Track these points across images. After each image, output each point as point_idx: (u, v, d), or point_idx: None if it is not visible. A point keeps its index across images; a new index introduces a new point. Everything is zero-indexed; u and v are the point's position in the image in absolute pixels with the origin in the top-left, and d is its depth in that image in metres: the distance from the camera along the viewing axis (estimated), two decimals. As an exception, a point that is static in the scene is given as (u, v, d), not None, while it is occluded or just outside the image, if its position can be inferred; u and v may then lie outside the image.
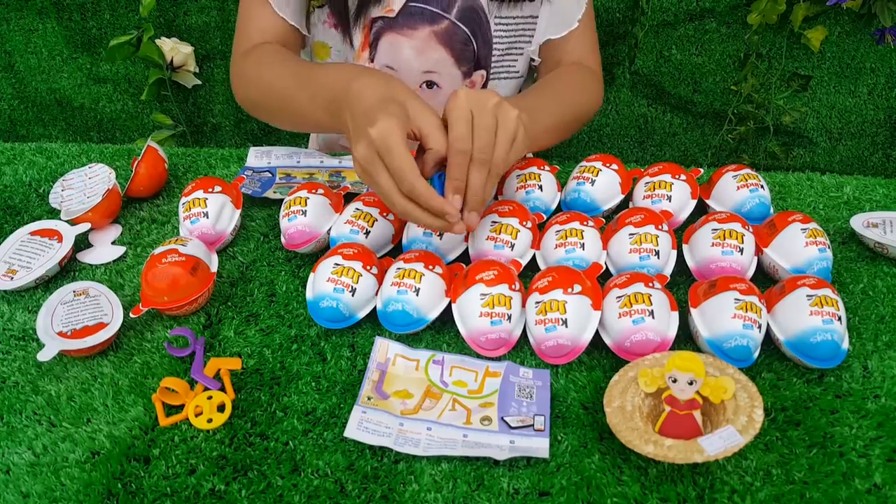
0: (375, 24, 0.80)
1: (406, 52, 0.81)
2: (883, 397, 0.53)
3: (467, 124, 0.55)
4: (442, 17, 0.79)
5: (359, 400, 0.52)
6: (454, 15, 0.79)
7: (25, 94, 1.54)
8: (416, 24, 0.79)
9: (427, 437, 0.50)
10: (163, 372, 0.56)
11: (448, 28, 0.79)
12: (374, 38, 0.81)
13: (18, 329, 0.61)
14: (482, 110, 0.55)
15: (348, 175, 0.79)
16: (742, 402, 0.48)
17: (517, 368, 0.55)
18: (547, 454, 0.49)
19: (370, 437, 0.49)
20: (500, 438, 0.50)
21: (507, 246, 0.63)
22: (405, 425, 0.51)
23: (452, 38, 0.80)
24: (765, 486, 0.47)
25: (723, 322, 0.54)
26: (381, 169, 0.54)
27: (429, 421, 0.51)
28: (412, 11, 0.78)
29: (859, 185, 0.76)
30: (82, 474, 0.49)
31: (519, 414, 0.52)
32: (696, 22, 1.32)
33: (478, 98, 0.56)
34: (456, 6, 0.78)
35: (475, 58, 0.83)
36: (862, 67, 1.34)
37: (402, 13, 0.78)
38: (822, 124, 1.42)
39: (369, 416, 0.51)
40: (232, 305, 0.63)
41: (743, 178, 0.69)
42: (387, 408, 0.52)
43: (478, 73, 0.84)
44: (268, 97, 0.74)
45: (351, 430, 0.50)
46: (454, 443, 0.49)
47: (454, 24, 0.79)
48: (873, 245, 0.66)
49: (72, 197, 0.71)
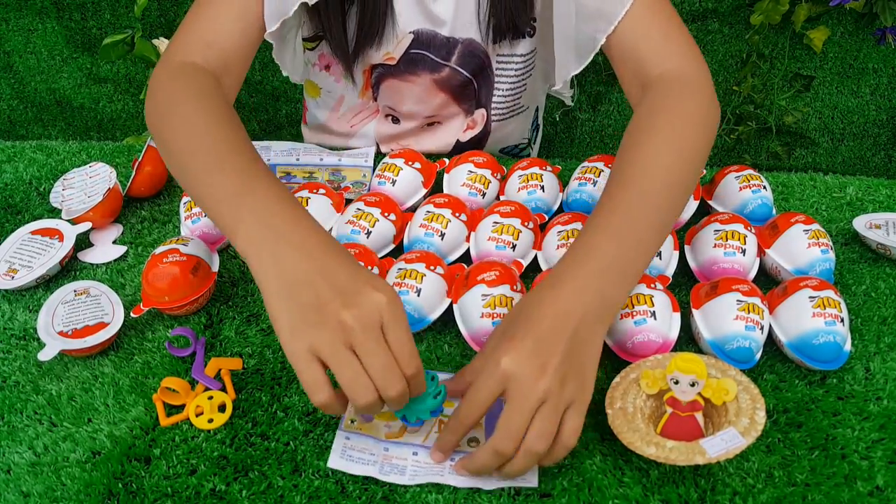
0: (376, 70, 0.79)
1: (408, 98, 0.81)
2: (885, 399, 0.53)
3: (519, 431, 0.44)
4: (443, 65, 0.77)
5: (341, 424, 0.50)
6: (454, 62, 0.77)
7: (25, 95, 1.54)
8: (418, 70, 0.78)
9: (413, 462, 0.48)
10: (164, 372, 0.56)
11: (448, 74, 0.78)
12: (376, 80, 0.80)
13: (19, 328, 0.61)
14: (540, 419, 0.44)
15: (349, 174, 0.78)
16: (744, 403, 0.48)
17: None
18: (535, 482, 0.47)
19: (354, 465, 0.47)
20: None
21: (509, 247, 0.63)
22: (390, 450, 0.49)
23: (453, 82, 0.79)
24: (766, 488, 0.47)
25: (725, 323, 0.54)
26: (379, 342, 0.43)
27: (414, 445, 0.49)
28: (413, 59, 0.77)
29: (862, 185, 0.76)
30: (83, 474, 0.49)
31: None
32: (698, 22, 1.32)
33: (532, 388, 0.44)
34: (456, 52, 0.77)
35: (476, 97, 0.82)
36: (864, 68, 1.34)
37: (402, 60, 0.77)
38: (824, 125, 1.42)
39: (353, 442, 0.49)
40: (233, 305, 0.63)
41: (745, 179, 0.69)
42: (371, 432, 0.50)
43: (479, 111, 0.83)
44: (179, 151, 0.56)
45: (334, 460, 0.48)
46: (441, 468, 0.48)
47: (454, 69, 0.78)
48: (876, 246, 0.66)
49: (72, 196, 0.71)
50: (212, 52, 0.64)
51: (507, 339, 0.46)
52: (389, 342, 0.44)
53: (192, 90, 0.59)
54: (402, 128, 0.84)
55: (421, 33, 0.75)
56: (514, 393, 0.45)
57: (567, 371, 0.45)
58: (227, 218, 0.49)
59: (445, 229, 0.64)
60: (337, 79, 0.82)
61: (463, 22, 0.75)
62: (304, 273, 0.45)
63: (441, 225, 0.64)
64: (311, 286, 0.44)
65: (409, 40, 0.76)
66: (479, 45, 0.77)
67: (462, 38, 0.76)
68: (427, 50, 0.76)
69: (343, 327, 0.43)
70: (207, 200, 0.51)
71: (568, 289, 0.49)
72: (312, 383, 0.43)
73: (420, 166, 0.73)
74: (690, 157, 0.57)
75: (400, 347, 0.44)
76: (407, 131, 0.85)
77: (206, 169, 0.52)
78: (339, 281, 0.45)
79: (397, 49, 0.76)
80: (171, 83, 0.61)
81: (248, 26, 0.66)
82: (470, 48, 0.77)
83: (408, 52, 0.76)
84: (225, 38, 0.65)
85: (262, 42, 0.70)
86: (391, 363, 0.44)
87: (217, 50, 0.64)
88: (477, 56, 0.78)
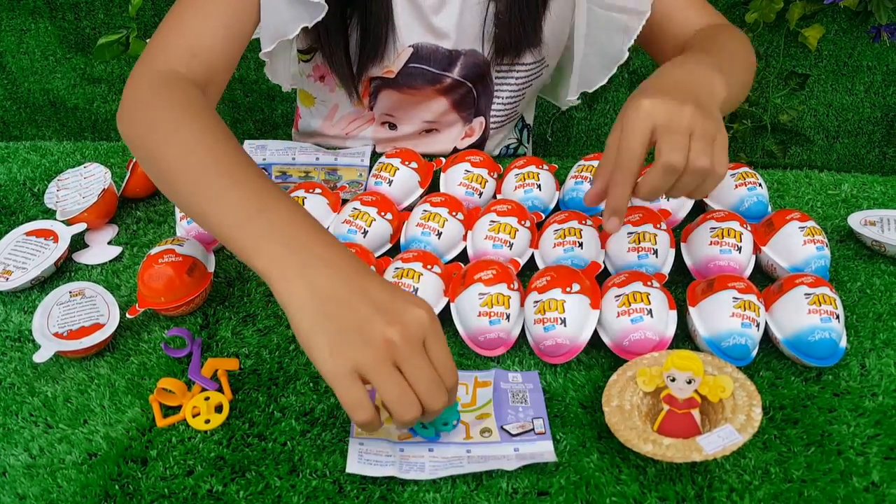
0: (374, 82, 0.78)
1: (407, 105, 0.80)
2: (880, 395, 0.53)
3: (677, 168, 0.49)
4: (443, 76, 0.77)
5: (352, 432, 0.50)
6: (457, 73, 0.77)
7: (18, 96, 1.53)
8: (417, 83, 0.77)
9: (430, 458, 0.48)
10: (160, 373, 0.56)
11: (450, 84, 0.78)
12: (374, 91, 0.79)
13: (14, 330, 0.61)
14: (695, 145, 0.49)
15: (345, 174, 0.78)
16: (740, 400, 0.48)
17: (505, 374, 0.54)
18: (554, 457, 0.48)
19: (373, 468, 0.47)
20: (503, 448, 0.49)
21: (506, 245, 0.63)
22: (406, 450, 0.49)
23: (454, 91, 0.79)
24: (763, 485, 0.47)
25: (721, 321, 0.54)
26: (424, 358, 0.44)
27: (428, 442, 0.50)
28: (411, 72, 0.76)
29: (857, 182, 0.76)
30: (79, 476, 0.48)
31: (517, 420, 0.51)
32: (693, 20, 1.32)
33: (672, 113, 0.49)
34: (458, 64, 0.76)
35: (475, 105, 0.82)
36: (859, 65, 1.34)
37: (401, 73, 0.76)
38: (818, 122, 1.42)
39: (367, 447, 0.49)
40: (229, 306, 0.63)
41: (741, 177, 0.69)
42: (382, 435, 0.50)
43: (477, 120, 0.83)
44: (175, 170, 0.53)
45: (352, 465, 0.48)
46: (459, 460, 0.48)
47: (456, 80, 0.78)
48: (871, 243, 0.66)
49: (67, 197, 0.71)
50: (196, 62, 0.61)
51: (640, 94, 0.50)
52: (432, 356, 0.44)
53: (180, 103, 0.56)
54: (399, 133, 0.84)
55: (421, 47, 0.75)
56: (665, 121, 0.48)
57: (703, 112, 0.50)
58: (245, 239, 0.47)
59: (442, 228, 0.64)
60: (331, 89, 0.82)
61: (466, 35, 0.75)
62: (341, 292, 0.44)
63: (438, 224, 0.64)
64: (350, 306, 0.43)
65: (409, 54, 0.75)
66: (481, 56, 0.76)
67: (465, 49, 0.76)
68: (427, 64, 0.76)
69: (388, 345, 0.43)
70: (217, 221, 0.49)
71: (684, 68, 0.55)
72: (357, 403, 0.43)
73: (417, 166, 0.73)
74: (751, 66, 0.68)
75: (443, 361, 0.45)
76: (404, 137, 0.84)
77: (212, 188, 0.50)
78: (378, 299, 0.44)
79: (396, 63, 0.75)
80: (153, 92, 0.58)
81: (234, 36, 0.64)
82: (472, 59, 0.76)
83: (406, 65, 0.76)
84: (210, 47, 0.62)
85: (254, 41, 0.69)
86: (436, 377, 0.44)
87: (202, 60, 0.62)
88: (478, 66, 0.77)
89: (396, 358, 0.43)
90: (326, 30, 0.71)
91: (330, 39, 0.72)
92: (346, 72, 0.75)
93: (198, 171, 0.51)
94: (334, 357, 0.43)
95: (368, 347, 0.43)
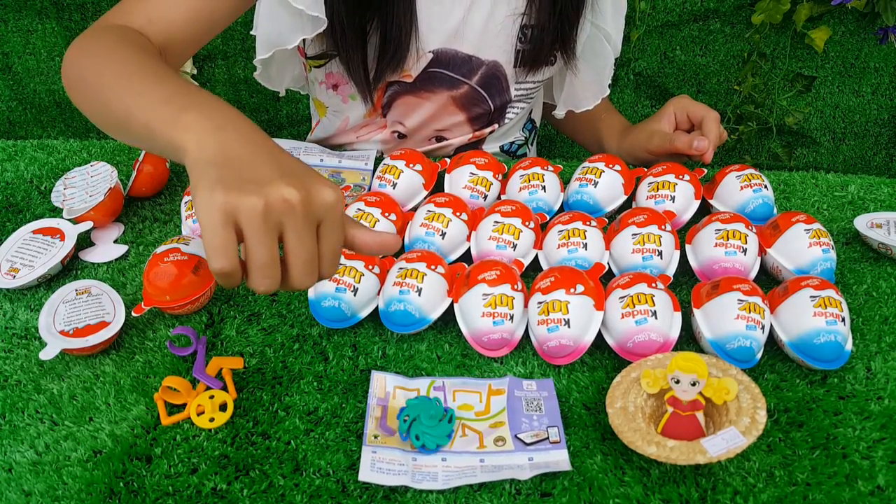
0: (391, 87, 0.78)
1: (421, 113, 0.79)
2: (886, 399, 0.52)
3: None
4: (462, 82, 0.76)
5: (365, 440, 0.50)
6: (475, 81, 0.76)
7: (24, 96, 1.54)
8: (435, 88, 0.77)
9: (444, 468, 0.48)
10: (165, 371, 0.56)
11: (467, 92, 0.77)
12: (389, 98, 0.78)
13: (20, 328, 0.61)
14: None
15: (348, 177, 0.78)
16: (745, 403, 0.48)
17: (520, 382, 0.54)
18: (569, 465, 0.47)
19: (386, 477, 0.47)
20: (517, 457, 0.48)
21: (510, 246, 0.63)
22: (418, 460, 0.49)
23: (470, 102, 0.79)
24: (767, 488, 0.47)
25: (726, 323, 0.54)
26: (313, 235, 0.41)
27: (442, 451, 0.49)
28: (431, 77, 0.76)
29: (863, 184, 0.76)
30: (84, 473, 0.49)
31: (531, 429, 0.50)
32: (700, 22, 1.32)
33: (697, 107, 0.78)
34: (479, 72, 0.76)
35: (489, 117, 0.82)
36: (866, 67, 1.34)
37: (419, 78, 0.76)
38: (825, 124, 1.41)
39: (380, 454, 0.49)
40: (234, 304, 0.63)
41: (746, 178, 0.69)
42: (395, 444, 0.50)
43: (487, 129, 0.83)
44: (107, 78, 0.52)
45: (365, 473, 0.47)
46: (473, 470, 0.48)
47: (473, 88, 0.77)
48: (877, 246, 0.66)
49: (74, 195, 0.71)
50: (151, 27, 0.60)
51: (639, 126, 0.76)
52: (322, 241, 0.41)
53: (124, 40, 0.55)
54: (406, 144, 0.84)
55: (441, 52, 0.74)
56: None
57: None
58: (167, 114, 0.44)
59: (446, 229, 0.64)
60: (343, 99, 0.81)
61: (489, 46, 0.74)
62: (249, 153, 0.41)
63: (442, 224, 0.64)
64: (256, 165, 0.40)
65: (429, 59, 0.75)
66: (502, 68, 0.76)
67: (487, 59, 0.75)
68: (446, 68, 0.75)
69: (283, 204, 0.39)
70: (139, 109, 0.46)
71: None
72: (221, 247, 0.38)
73: (421, 168, 0.73)
74: None
75: (331, 249, 0.41)
76: (413, 144, 0.84)
77: (140, 85, 0.48)
78: (288, 168, 0.41)
79: (415, 67, 0.75)
80: (99, 34, 0.57)
81: (200, 18, 0.64)
82: (493, 70, 0.76)
83: (426, 70, 0.75)
84: (170, 19, 0.61)
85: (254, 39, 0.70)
86: (315, 260, 0.41)
87: (159, 29, 0.60)
88: (498, 79, 0.77)
89: (284, 223, 0.39)
90: (345, 35, 0.70)
91: (348, 45, 0.71)
92: (362, 77, 0.74)
93: (128, 75, 0.50)
94: (214, 193, 0.38)
95: (258, 197, 0.38)
